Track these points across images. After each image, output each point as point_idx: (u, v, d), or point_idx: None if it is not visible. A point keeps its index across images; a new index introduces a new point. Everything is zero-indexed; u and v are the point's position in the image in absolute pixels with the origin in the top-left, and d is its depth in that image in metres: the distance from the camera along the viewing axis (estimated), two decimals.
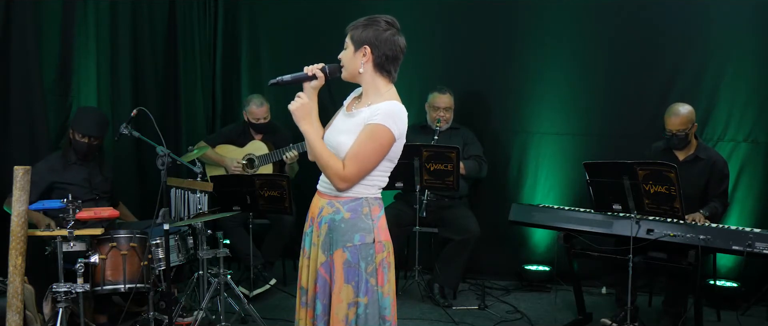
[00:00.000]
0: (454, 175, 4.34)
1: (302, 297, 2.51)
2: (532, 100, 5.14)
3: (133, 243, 3.62)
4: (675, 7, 4.77)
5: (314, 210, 2.50)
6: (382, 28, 2.39)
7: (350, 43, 2.43)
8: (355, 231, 2.38)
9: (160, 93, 5.07)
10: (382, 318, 2.42)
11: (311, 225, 2.50)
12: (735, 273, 4.64)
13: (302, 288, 2.51)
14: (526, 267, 5.07)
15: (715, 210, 4.01)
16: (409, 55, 5.98)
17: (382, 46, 2.39)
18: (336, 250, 2.39)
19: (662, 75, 4.83)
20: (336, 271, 2.39)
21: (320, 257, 2.43)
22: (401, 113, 2.38)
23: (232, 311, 4.10)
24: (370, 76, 2.42)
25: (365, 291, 2.38)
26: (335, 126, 2.48)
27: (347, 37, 2.44)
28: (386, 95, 2.41)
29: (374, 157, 2.35)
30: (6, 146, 3.97)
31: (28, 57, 4.01)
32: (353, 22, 2.45)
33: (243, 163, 4.86)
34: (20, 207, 2.90)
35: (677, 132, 4.01)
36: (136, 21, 4.82)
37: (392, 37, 2.40)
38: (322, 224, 2.44)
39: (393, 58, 2.42)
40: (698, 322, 3.70)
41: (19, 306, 2.95)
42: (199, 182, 3.98)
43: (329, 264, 2.40)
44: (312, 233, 2.49)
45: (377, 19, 2.42)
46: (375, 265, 2.40)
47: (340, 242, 2.38)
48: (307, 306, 2.48)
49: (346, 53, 2.44)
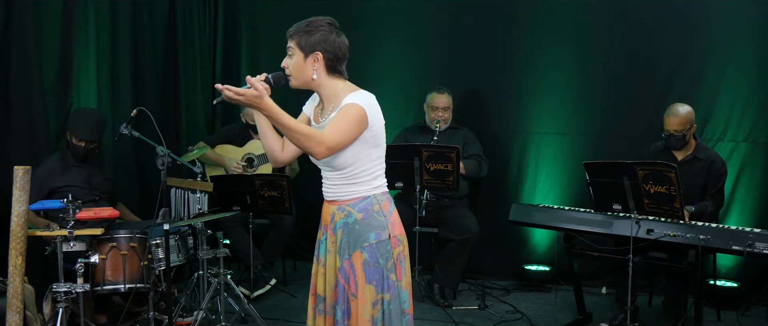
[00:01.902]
0: (454, 175, 4.34)
1: (318, 304, 2.48)
2: (532, 100, 5.14)
3: (133, 243, 3.62)
4: (675, 6, 4.77)
5: (326, 218, 2.49)
6: (327, 31, 2.37)
7: (298, 49, 2.36)
8: (369, 230, 2.39)
9: (160, 93, 5.07)
10: (402, 311, 2.43)
11: (325, 232, 2.50)
12: (735, 273, 4.64)
13: (318, 297, 2.49)
14: (526, 267, 5.07)
15: (704, 208, 4.00)
16: (409, 55, 6.02)
17: (331, 49, 2.37)
18: (353, 252, 2.39)
19: (662, 75, 4.83)
20: (356, 273, 2.39)
21: (337, 262, 2.43)
22: (366, 95, 2.37)
23: (232, 311, 4.10)
24: (325, 81, 2.40)
25: (387, 287, 2.39)
26: None
27: (292, 44, 2.37)
28: (346, 91, 2.39)
29: (351, 129, 2.30)
30: (6, 146, 3.97)
31: (28, 57, 4.01)
32: (294, 28, 2.38)
33: (243, 163, 4.86)
34: (20, 207, 2.90)
35: (675, 132, 4.01)
36: (136, 21, 4.82)
37: (338, 38, 2.39)
38: (336, 230, 2.44)
39: (342, 59, 2.41)
40: (698, 322, 3.70)
41: (19, 306, 2.95)
42: (199, 182, 3.98)
43: (346, 268, 2.40)
44: (326, 240, 2.48)
45: (319, 21, 2.38)
46: (393, 260, 2.41)
47: (357, 244, 2.39)
48: (326, 313, 2.46)
49: (295, 61, 2.37)
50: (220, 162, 4.87)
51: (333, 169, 2.42)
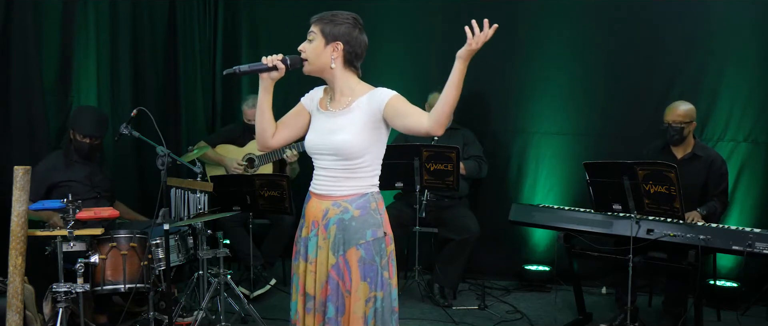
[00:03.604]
0: (454, 175, 4.34)
1: (307, 303, 2.45)
2: (532, 100, 5.14)
3: (133, 243, 3.62)
4: (675, 7, 4.77)
5: (316, 214, 2.45)
6: (352, 25, 2.39)
7: (320, 35, 2.38)
8: (366, 227, 2.38)
9: (160, 93, 5.07)
10: (392, 309, 2.44)
11: (313, 228, 2.46)
12: (735, 273, 4.64)
13: (308, 295, 2.46)
14: (526, 267, 5.08)
15: (713, 209, 4.01)
16: (409, 55, 6.00)
17: (353, 43, 2.39)
18: (349, 249, 2.38)
19: (662, 75, 4.83)
20: (351, 270, 2.37)
21: (330, 259, 2.40)
22: None
23: (232, 311, 4.10)
24: (341, 72, 2.42)
25: (381, 285, 2.39)
26: (322, 127, 2.44)
27: (315, 29, 2.39)
28: (363, 87, 2.42)
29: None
30: (6, 146, 3.97)
31: (28, 57, 4.01)
32: (320, 15, 2.40)
33: (244, 163, 4.86)
34: (20, 207, 2.90)
35: (673, 123, 4.00)
36: (136, 21, 4.82)
37: (360, 35, 2.42)
38: (329, 226, 2.41)
39: (360, 56, 2.44)
40: (698, 322, 3.70)
41: (19, 306, 2.95)
42: (199, 182, 3.98)
43: (340, 265, 2.38)
44: (316, 237, 2.45)
45: (346, 15, 2.40)
46: (386, 258, 2.42)
47: (353, 240, 2.38)
48: (316, 311, 2.44)
49: (315, 45, 2.39)
50: (221, 162, 4.87)
51: (340, 159, 2.38)
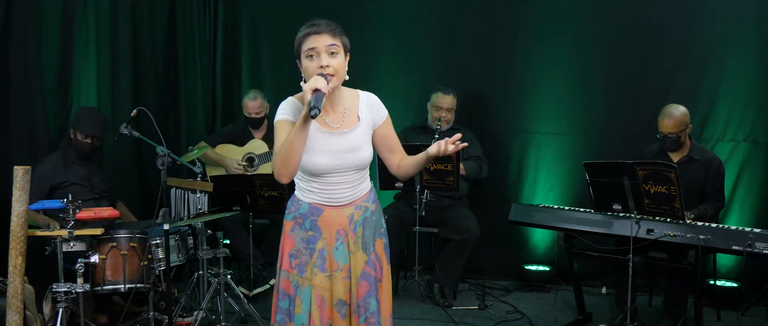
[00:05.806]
0: (454, 175, 4.34)
1: (341, 310, 2.41)
2: (532, 100, 5.14)
3: (133, 243, 3.62)
4: (675, 7, 4.77)
5: (341, 222, 2.43)
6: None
7: (343, 48, 2.34)
8: (380, 216, 2.55)
9: (160, 93, 5.07)
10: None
11: (339, 236, 2.43)
12: (735, 273, 4.64)
13: (340, 302, 2.41)
14: (526, 267, 5.08)
15: (703, 212, 4.00)
16: (409, 55, 6.00)
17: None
18: (376, 241, 2.50)
19: (662, 75, 4.83)
20: (380, 259, 2.50)
21: (362, 258, 2.46)
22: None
23: (232, 311, 4.10)
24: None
25: (389, 260, 2.57)
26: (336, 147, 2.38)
27: (338, 42, 2.32)
28: (350, 91, 2.48)
29: None
30: (6, 146, 3.97)
31: (28, 57, 4.01)
32: (332, 26, 2.33)
33: (244, 163, 4.86)
34: (20, 207, 2.90)
35: (669, 134, 4.00)
36: (136, 21, 4.82)
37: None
38: (356, 228, 2.46)
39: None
40: (698, 322, 3.70)
41: (19, 306, 2.96)
42: (199, 182, 3.98)
43: (373, 259, 2.48)
44: (345, 243, 2.43)
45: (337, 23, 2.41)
46: None
47: (376, 233, 2.51)
48: (352, 314, 2.43)
49: (340, 60, 2.32)
50: (221, 162, 4.87)
51: (359, 169, 2.44)
